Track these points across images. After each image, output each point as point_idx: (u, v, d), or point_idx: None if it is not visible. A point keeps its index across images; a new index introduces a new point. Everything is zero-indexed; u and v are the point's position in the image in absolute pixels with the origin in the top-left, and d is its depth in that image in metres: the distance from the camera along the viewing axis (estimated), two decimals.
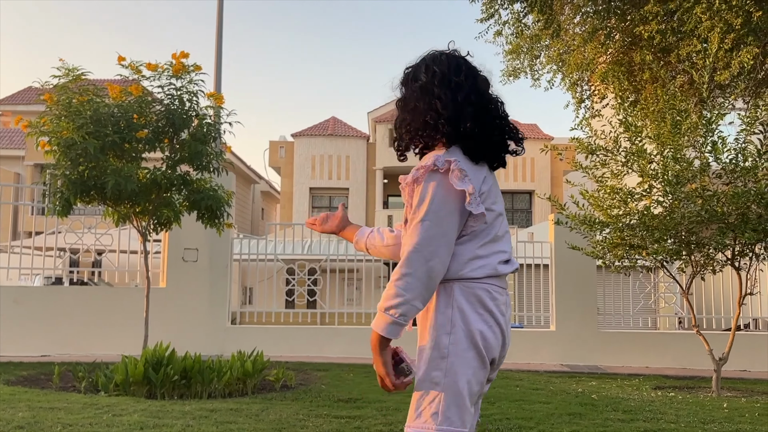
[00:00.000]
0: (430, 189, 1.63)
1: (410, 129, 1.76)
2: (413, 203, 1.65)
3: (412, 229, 1.62)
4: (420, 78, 1.76)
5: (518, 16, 8.97)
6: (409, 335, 1.82)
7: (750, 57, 6.80)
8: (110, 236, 9.10)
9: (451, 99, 1.71)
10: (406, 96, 1.78)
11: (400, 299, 1.59)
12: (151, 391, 5.34)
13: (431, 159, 1.66)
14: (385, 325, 1.62)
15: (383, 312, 1.62)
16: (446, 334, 1.67)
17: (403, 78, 1.81)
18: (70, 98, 6.16)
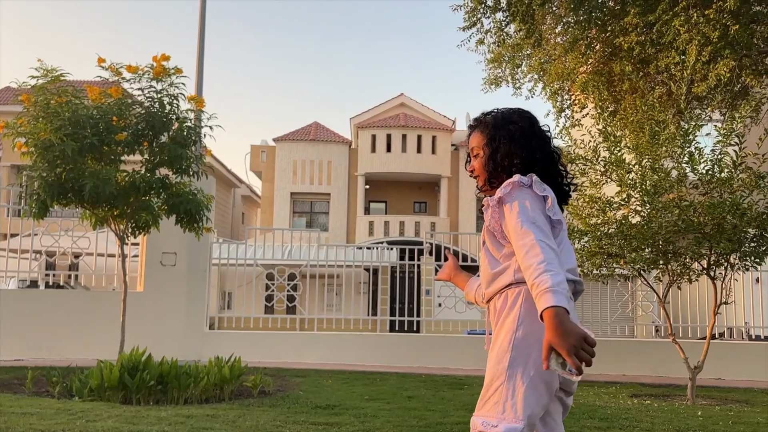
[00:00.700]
0: (527, 198, 1.88)
1: (512, 162, 2.01)
2: (513, 214, 1.87)
3: (527, 229, 1.81)
4: (512, 123, 2.06)
5: (500, 25, 9.05)
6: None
7: (726, 70, 6.92)
8: (87, 239, 8.99)
9: (536, 147, 2.03)
10: (510, 136, 2.04)
11: (561, 276, 1.69)
12: (127, 396, 5.28)
13: (514, 178, 1.93)
14: (561, 297, 1.65)
15: (553, 287, 1.66)
16: (512, 332, 1.84)
17: (496, 120, 2.09)
18: (48, 99, 6.09)
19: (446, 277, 2.39)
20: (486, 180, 2.07)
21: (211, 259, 9.28)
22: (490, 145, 2.05)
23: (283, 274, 9.51)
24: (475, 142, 2.11)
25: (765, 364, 8.97)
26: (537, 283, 1.69)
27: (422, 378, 7.54)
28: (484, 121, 2.11)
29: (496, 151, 2.03)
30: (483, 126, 2.10)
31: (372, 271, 16.00)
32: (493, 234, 1.97)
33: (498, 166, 2.03)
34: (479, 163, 2.09)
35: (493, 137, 2.05)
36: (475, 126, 2.14)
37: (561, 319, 1.62)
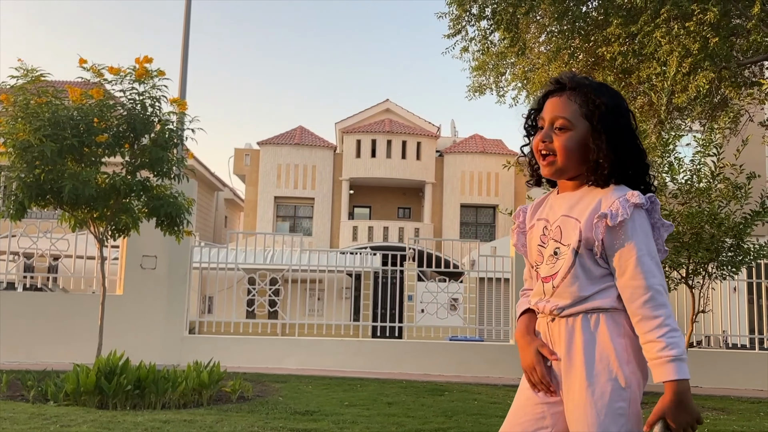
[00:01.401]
0: (645, 225, 1.64)
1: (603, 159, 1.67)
2: (633, 241, 1.61)
3: (649, 266, 1.60)
4: (616, 116, 1.70)
5: (485, 33, 9.11)
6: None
7: (706, 81, 7.01)
8: (66, 241, 8.90)
9: (639, 148, 1.73)
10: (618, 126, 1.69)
11: (683, 338, 1.59)
12: (103, 401, 5.22)
13: (636, 197, 1.63)
14: (685, 367, 1.57)
15: (682, 356, 1.56)
16: (626, 363, 1.64)
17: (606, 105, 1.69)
18: (28, 99, 6.03)
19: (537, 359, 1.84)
20: (563, 168, 1.71)
21: (191, 262, 9.22)
22: (599, 135, 1.66)
23: (264, 278, 9.47)
24: (568, 113, 1.69)
25: (742, 373, 9.06)
26: (663, 344, 1.55)
27: (403, 384, 7.54)
28: (589, 95, 1.69)
29: (604, 143, 1.66)
30: (586, 101, 1.69)
31: (355, 276, 15.98)
32: (590, 249, 1.66)
33: (597, 162, 1.67)
34: (565, 143, 1.68)
35: (601, 120, 1.67)
36: (574, 89, 1.71)
37: (687, 395, 1.56)
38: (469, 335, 10.51)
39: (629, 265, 1.61)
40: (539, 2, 7.99)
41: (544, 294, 1.75)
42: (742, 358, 9.31)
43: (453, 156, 27.47)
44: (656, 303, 1.58)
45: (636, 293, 1.60)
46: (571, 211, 1.71)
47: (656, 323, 1.57)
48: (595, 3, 8.64)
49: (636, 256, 1.60)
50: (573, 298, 1.67)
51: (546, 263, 1.74)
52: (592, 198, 1.68)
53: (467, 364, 9.14)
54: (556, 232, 1.72)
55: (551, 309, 1.71)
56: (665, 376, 1.56)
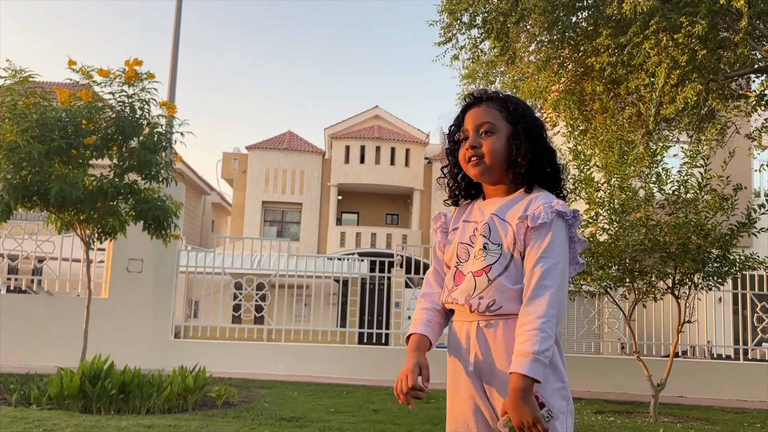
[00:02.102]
0: (561, 234, 1.72)
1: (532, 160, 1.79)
2: (544, 243, 1.69)
3: (547, 270, 1.67)
4: (531, 119, 1.83)
5: (475, 41, 9.14)
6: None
7: (694, 93, 7.07)
8: (52, 243, 8.82)
9: (554, 155, 1.86)
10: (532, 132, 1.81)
11: (550, 341, 1.63)
12: (87, 405, 5.17)
13: (560, 206, 1.72)
14: (539, 367, 1.60)
15: (536, 356, 1.59)
16: (562, 362, 1.73)
17: (519, 107, 1.83)
18: (16, 100, 5.98)
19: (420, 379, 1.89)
20: (493, 168, 1.80)
21: (178, 266, 9.16)
22: (519, 133, 1.79)
23: (251, 283, 9.43)
24: (491, 117, 1.81)
25: (726, 383, 9.12)
26: (526, 338, 1.62)
27: (389, 391, 7.52)
28: (505, 102, 1.83)
29: (516, 140, 1.78)
30: (503, 106, 1.82)
31: (342, 282, 15.95)
32: (520, 251, 1.74)
33: (518, 162, 1.78)
34: (493, 144, 1.79)
35: (525, 128, 1.80)
36: (490, 99, 1.85)
37: (527, 392, 1.59)
38: None
39: (532, 263, 1.69)
40: (529, 12, 8.04)
41: (474, 289, 1.76)
42: (726, 368, 9.37)
43: (442, 163, 27.51)
44: (539, 301, 1.64)
45: (528, 287, 1.67)
46: (501, 212, 1.79)
47: (529, 319, 1.63)
48: (585, 13, 8.70)
49: (539, 256, 1.68)
50: (510, 294, 1.72)
51: (475, 257, 1.78)
52: (522, 202, 1.78)
53: None
54: (485, 229, 1.79)
55: (487, 304, 1.74)
56: (514, 368, 1.60)
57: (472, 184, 1.92)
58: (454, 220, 1.92)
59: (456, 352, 1.86)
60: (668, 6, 7.39)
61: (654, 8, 7.11)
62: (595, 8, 8.28)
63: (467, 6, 8.57)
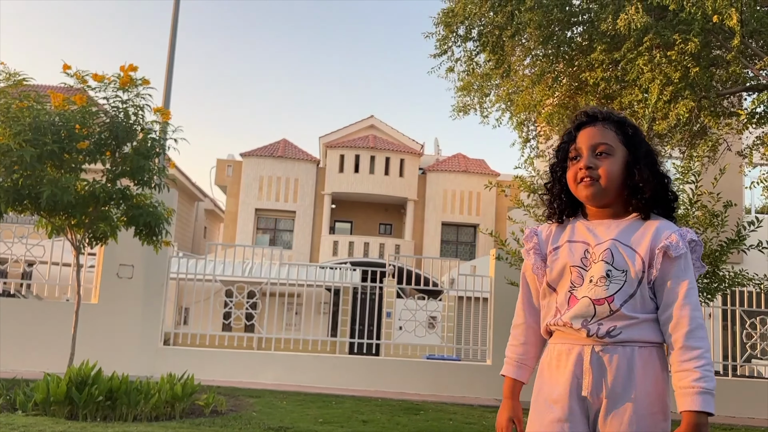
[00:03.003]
0: (691, 262, 1.74)
1: (654, 186, 1.78)
2: (686, 275, 1.70)
3: (696, 301, 1.69)
4: (647, 144, 1.82)
5: (470, 54, 9.19)
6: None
7: (686, 110, 7.11)
8: (42, 247, 8.78)
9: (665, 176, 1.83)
10: (648, 154, 1.80)
11: (714, 375, 1.65)
12: (73, 411, 5.13)
13: (691, 234, 1.73)
14: (713, 402, 1.62)
15: (712, 392, 1.62)
16: (669, 395, 1.73)
17: (639, 134, 1.82)
18: (9, 103, 5.96)
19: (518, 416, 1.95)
20: (606, 189, 1.76)
21: (169, 273, 9.12)
22: (641, 157, 1.77)
23: (242, 291, 9.40)
24: (608, 139, 1.77)
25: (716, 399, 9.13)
26: (700, 375, 1.62)
27: (378, 402, 7.50)
28: (621, 122, 1.81)
29: (637, 164, 1.75)
30: (620, 129, 1.79)
31: (334, 291, 15.93)
32: (648, 279, 1.71)
33: (638, 186, 1.75)
34: (611, 167, 1.76)
35: (647, 152, 1.78)
36: (606, 119, 1.81)
37: (705, 428, 1.61)
38: (446, 354, 10.50)
39: (680, 296, 1.68)
40: (525, 26, 8.09)
41: (595, 315, 1.71)
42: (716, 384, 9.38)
43: (436, 174, 27.59)
44: (698, 336, 1.65)
45: (681, 323, 1.66)
46: (622, 237, 1.74)
47: (695, 354, 1.63)
48: (580, 29, 8.76)
49: (687, 288, 1.68)
50: (631, 322, 1.69)
51: (595, 285, 1.72)
52: (645, 228, 1.75)
53: (444, 383, 9.12)
54: (606, 255, 1.73)
55: (608, 330, 1.69)
56: (691, 406, 1.60)
57: (570, 202, 1.87)
58: (553, 239, 1.86)
59: (557, 373, 1.77)
60: (662, 23, 7.46)
61: (648, 25, 7.16)
62: (590, 24, 8.34)
63: (463, 19, 8.62)
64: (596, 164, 1.76)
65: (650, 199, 1.76)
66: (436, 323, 10.33)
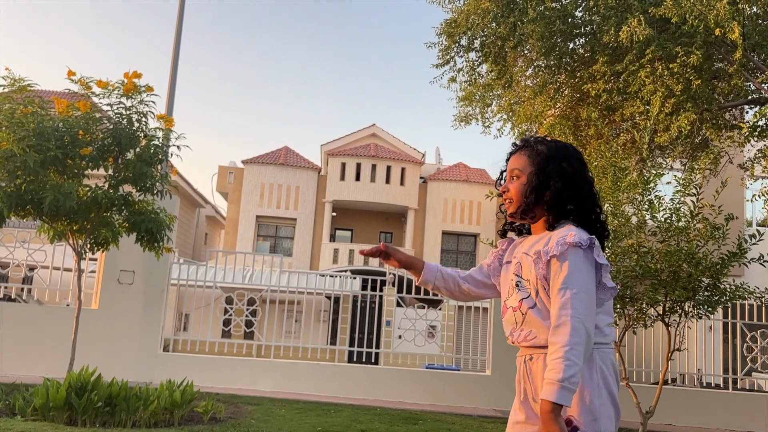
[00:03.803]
0: (579, 263, 1.82)
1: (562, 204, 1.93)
2: (561, 275, 1.81)
3: (567, 299, 1.78)
4: (566, 160, 1.96)
5: (473, 64, 9.24)
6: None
7: (688, 122, 7.14)
8: (44, 252, 8.78)
9: (587, 193, 1.98)
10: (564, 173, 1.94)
11: (576, 368, 1.72)
12: (72, 417, 5.12)
13: (572, 237, 1.83)
14: (565, 393, 1.71)
15: (562, 383, 1.70)
16: (596, 397, 1.83)
17: (547, 152, 1.97)
18: (14, 109, 5.99)
19: (396, 265, 2.25)
20: (519, 209, 1.97)
21: (169, 279, 9.12)
22: (537, 175, 1.94)
23: (242, 298, 9.40)
24: (519, 164, 1.99)
25: (715, 412, 9.12)
26: (552, 366, 1.74)
27: (377, 411, 7.48)
28: (535, 147, 1.99)
29: (543, 186, 1.92)
30: (532, 152, 1.98)
31: (333, 299, 15.92)
32: (544, 287, 1.88)
33: (541, 201, 1.93)
34: (517, 188, 1.97)
35: (543, 169, 1.94)
36: (521, 147, 2.02)
37: (555, 415, 1.70)
38: (445, 364, 10.48)
39: (554, 295, 1.82)
40: (527, 37, 8.13)
41: (515, 323, 1.95)
42: (716, 397, 9.36)
43: (436, 183, 27.62)
44: (561, 330, 1.75)
45: (552, 320, 1.79)
46: (529, 249, 1.94)
47: (554, 348, 1.75)
48: (582, 40, 8.80)
49: (558, 288, 1.80)
50: (542, 327, 1.86)
51: (511, 295, 1.97)
52: (544, 238, 1.92)
53: (442, 392, 9.10)
54: (518, 267, 1.96)
55: (525, 336, 1.90)
56: (543, 395, 1.73)
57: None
58: (508, 253, 2.08)
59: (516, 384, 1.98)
60: (664, 36, 7.50)
61: (650, 37, 7.20)
62: (592, 36, 8.38)
63: (466, 30, 8.66)
64: (508, 188, 2.01)
65: (558, 211, 1.91)
66: (435, 332, 10.32)
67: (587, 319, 1.76)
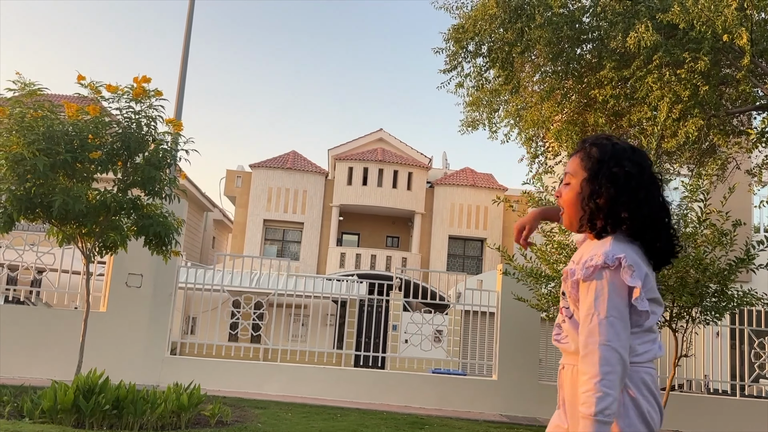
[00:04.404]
0: (606, 285, 1.71)
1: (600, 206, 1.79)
2: (588, 299, 1.73)
3: (595, 326, 1.69)
4: (618, 165, 1.79)
5: (480, 70, 9.24)
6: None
7: (695, 128, 7.13)
8: (52, 255, 8.84)
9: (643, 199, 1.78)
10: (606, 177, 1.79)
11: (609, 399, 1.65)
12: (80, 420, 5.15)
13: (600, 257, 1.72)
14: (601, 427, 1.64)
15: (595, 416, 1.64)
16: (620, 417, 1.73)
17: (600, 155, 1.82)
18: (24, 113, 6.04)
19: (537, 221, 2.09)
20: (575, 220, 1.85)
21: (177, 282, 9.16)
22: (590, 182, 1.80)
23: (249, 301, 9.42)
24: (572, 168, 1.86)
25: (722, 418, 9.07)
26: (584, 400, 1.67)
27: (384, 415, 7.49)
28: (588, 150, 1.84)
29: (594, 194, 1.78)
30: (585, 155, 1.84)
31: (340, 303, 15.92)
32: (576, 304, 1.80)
33: (594, 211, 1.78)
34: (569, 197, 1.85)
35: (596, 174, 1.79)
36: (578, 150, 1.88)
37: None
38: (452, 368, 10.47)
39: (582, 320, 1.74)
40: (535, 43, 8.13)
41: (559, 326, 1.94)
42: (723, 404, 9.32)
43: (443, 188, 27.61)
44: (589, 360, 1.68)
45: (581, 347, 1.73)
46: (572, 262, 1.86)
47: (584, 380, 1.69)
48: (590, 46, 8.80)
49: (584, 314, 1.73)
50: (572, 335, 1.84)
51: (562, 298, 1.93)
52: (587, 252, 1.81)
53: (449, 397, 9.09)
54: (564, 276, 1.87)
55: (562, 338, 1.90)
56: (579, 429, 1.67)
57: None
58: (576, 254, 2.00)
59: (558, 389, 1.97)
60: (672, 42, 7.49)
61: (657, 43, 7.19)
62: (600, 41, 8.38)
63: (473, 35, 8.67)
64: (561, 192, 1.88)
65: (612, 220, 1.77)
66: (442, 337, 10.31)
67: (619, 345, 1.67)
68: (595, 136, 1.90)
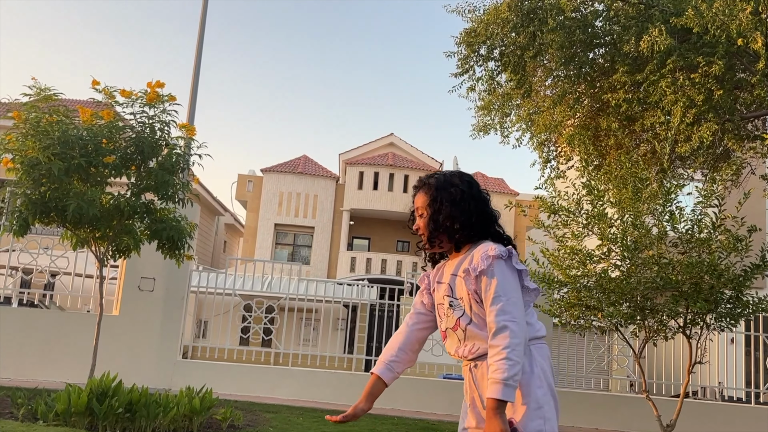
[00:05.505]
0: (504, 272, 2.05)
1: (453, 225, 2.14)
2: (492, 286, 2.04)
3: (502, 306, 2.01)
4: (450, 187, 2.19)
5: (492, 74, 9.22)
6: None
7: (709, 133, 7.08)
8: (66, 259, 8.89)
9: (474, 210, 2.17)
10: (451, 198, 2.16)
11: (518, 367, 1.96)
12: (93, 423, 5.17)
13: (493, 251, 2.06)
14: (509, 390, 1.93)
15: (506, 381, 1.92)
16: (538, 387, 2.06)
17: (438, 182, 2.21)
18: (39, 118, 6.09)
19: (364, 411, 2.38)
20: (428, 239, 2.20)
21: (189, 286, 9.19)
22: (432, 206, 2.17)
23: (261, 305, 9.44)
24: (420, 203, 2.22)
25: (737, 426, 8.98)
26: (496, 368, 1.95)
27: (395, 421, 7.47)
28: (427, 183, 2.23)
29: (437, 213, 2.15)
30: (426, 188, 2.22)
31: (351, 307, 15.92)
32: (476, 300, 2.10)
33: (439, 227, 2.15)
34: (423, 223, 2.20)
35: (435, 199, 2.18)
36: (419, 187, 2.25)
37: (500, 413, 1.92)
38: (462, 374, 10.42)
39: (488, 305, 2.04)
40: (547, 47, 8.12)
41: (459, 341, 2.18)
42: (737, 411, 9.23)
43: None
44: (500, 336, 1.98)
45: (491, 327, 2.01)
46: (456, 270, 2.16)
47: (496, 351, 1.97)
48: (602, 50, 8.77)
49: (492, 297, 2.03)
50: (480, 339, 2.09)
51: (447, 315, 2.19)
52: (467, 257, 2.13)
53: (460, 402, 9.02)
54: (447, 290, 2.18)
55: (470, 349, 2.14)
56: (488, 393, 1.94)
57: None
58: (432, 281, 2.30)
59: (464, 392, 2.24)
60: (685, 45, 7.45)
61: (671, 47, 7.16)
62: (612, 45, 8.35)
63: (485, 39, 8.66)
64: (419, 225, 2.22)
65: (461, 232, 2.13)
66: None
67: (521, 318, 2.00)
68: (429, 173, 2.31)
